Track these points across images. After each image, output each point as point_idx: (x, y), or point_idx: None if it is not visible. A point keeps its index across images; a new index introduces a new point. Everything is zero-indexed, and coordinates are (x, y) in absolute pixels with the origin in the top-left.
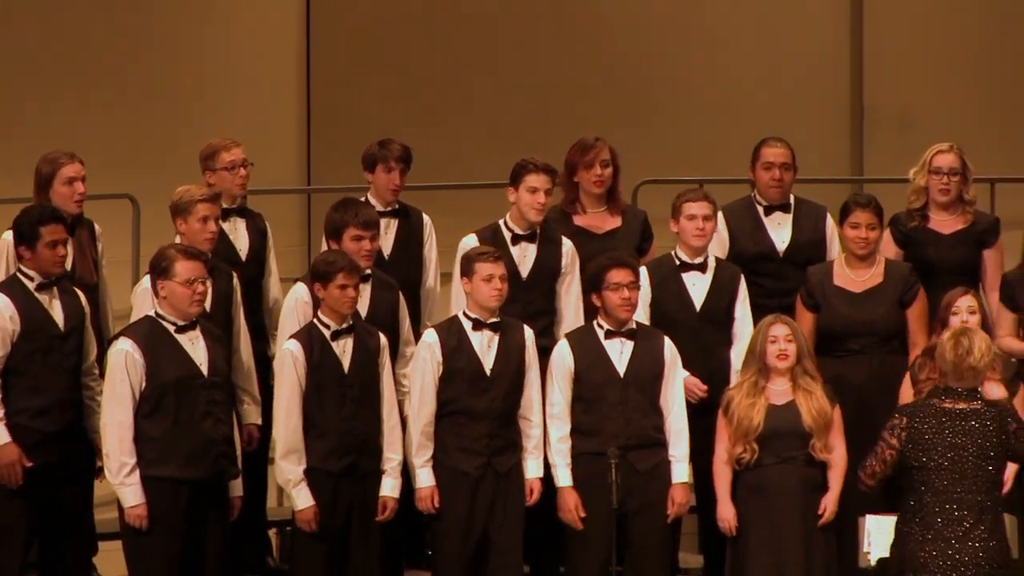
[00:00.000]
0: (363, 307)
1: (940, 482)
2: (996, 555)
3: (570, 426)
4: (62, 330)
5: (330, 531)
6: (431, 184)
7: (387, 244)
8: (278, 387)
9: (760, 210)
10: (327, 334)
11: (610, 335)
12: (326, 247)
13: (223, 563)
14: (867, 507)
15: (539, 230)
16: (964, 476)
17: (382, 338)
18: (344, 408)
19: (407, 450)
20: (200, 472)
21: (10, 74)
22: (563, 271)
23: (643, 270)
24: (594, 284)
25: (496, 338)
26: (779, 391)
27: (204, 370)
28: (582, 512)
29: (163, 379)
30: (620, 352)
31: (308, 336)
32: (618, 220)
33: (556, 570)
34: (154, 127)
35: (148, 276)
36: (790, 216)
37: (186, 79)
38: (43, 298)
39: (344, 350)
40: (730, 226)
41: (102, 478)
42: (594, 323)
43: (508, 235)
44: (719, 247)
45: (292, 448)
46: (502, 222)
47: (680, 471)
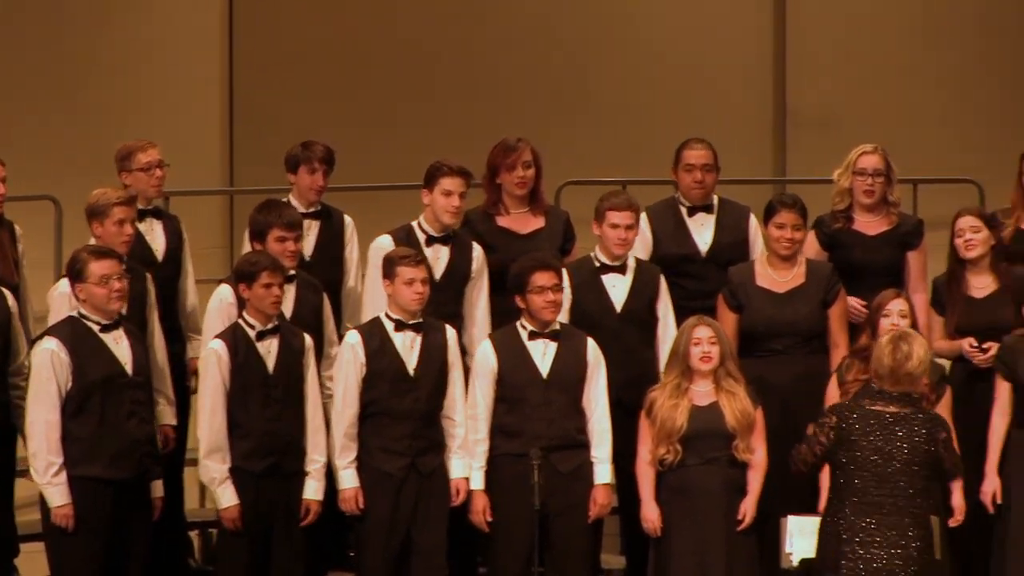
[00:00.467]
0: (287, 308)
1: (864, 484)
2: (915, 560)
3: (489, 428)
4: None
5: (253, 531)
6: (353, 185)
7: (309, 245)
8: (202, 387)
9: (683, 211)
10: (252, 334)
11: (533, 336)
12: (249, 249)
13: (148, 563)
14: (789, 508)
15: (453, 233)
16: (888, 479)
17: (307, 339)
18: (268, 409)
19: (331, 451)
20: (125, 472)
21: None
22: (472, 276)
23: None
24: (518, 286)
25: (419, 339)
26: (702, 392)
27: (128, 369)
28: (489, 515)
29: (89, 378)
30: (543, 353)
31: (233, 336)
32: (541, 221)
33: (476, 571)
34: (77, 129)
35: (65, 280)
36: (713, 217)
37: (109, 80)
38: None
39: (269, 351)
40: (653, 228)
41: (29, 478)
42: (517, 324)
43: (422, 237)
44: (642, 248)
45: (216, 447)
46: (416, 223)
47: (602, 472)
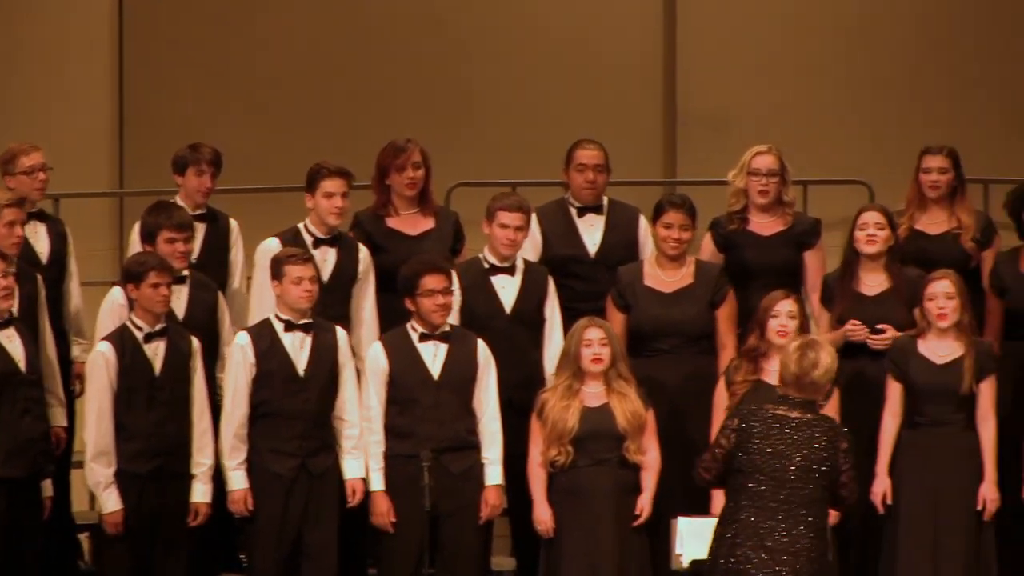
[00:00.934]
0: (180, 309)
1: (760, 487)
2: (809, 564)
3: (383, 428)
4: None
5: (136, 534)
6: (242, 187)
7: (195, 248)
8: (89, 389)
9: (573, 212)
10: (139, 336)
11: (424, 338)
12: (140, 250)
13: (41, 563)
14: (680, 509)
15: (339, 234)
16: (785, 484)
17: (195, 342)
18: (154, 411)
19: (220, 452)
20: (19, 470)
21: None
22: (359, 277)
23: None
24: (407, 289)
25: (308, 339)
26: (593, 393)
27: (22, 367)
28: (393, 516)
29: None
30: (434, 355)
31: (120, 338)
32: (431, 222)
33: (366, 572)
34: None
35: None
36: (603, 218)
37: None
38: None
39: (156, 353)
40: (543, 229)
41: None
42: (408, 326)
43: (309, 239)
44: (532, 249)
45: (102, 450)
46: (302, 226)
47: (493, 474)
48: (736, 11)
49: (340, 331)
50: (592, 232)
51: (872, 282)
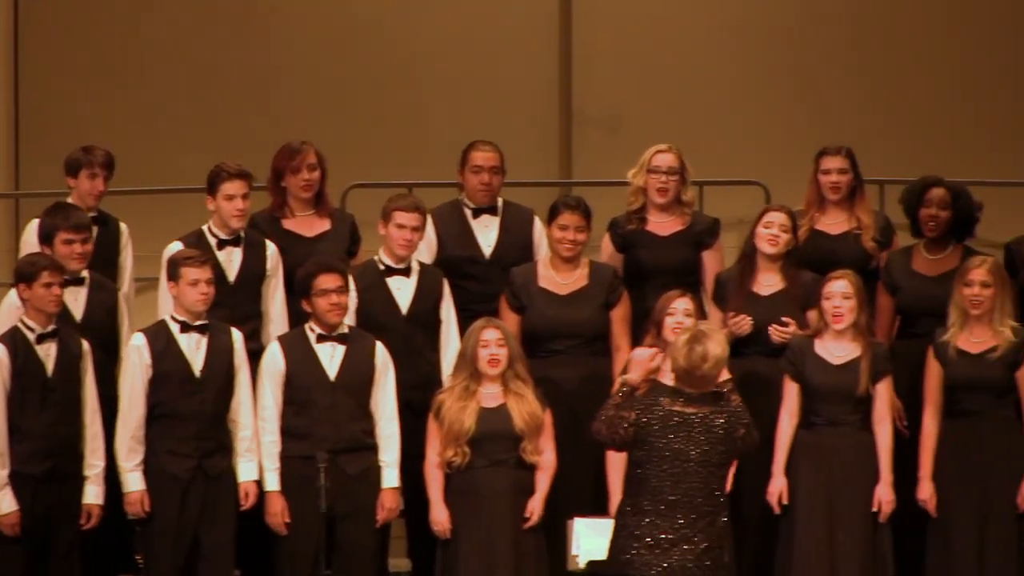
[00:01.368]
0: (78, 310)
1: (660, 483)
2: (707, 561)
3: (280, 429)
4: None
5: (31, 535)
6: (137, 188)
7: None
8: None
9: (468, 213)
10: (31, 337)
11: (321, 339)
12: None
13: None
14: (576, 509)
15: (243, 234)
16: (684, 479)
17: (85, 344)
18: (46, 412)
19: (117, 454)
20: None
21: None
22: (268, 274)
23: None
24: (303, 290)
25: (204, 340)
26: (490, 394)
27: None
28: (287, 517)
29: None
30: (331, 356)
31: (12, 339)
32: (327, 223)
33: (263, 573)
34: None
35: None
36: (497, 219)
37: None
38: None
39: (48, 354)
40: (438, 230)
41: None
42: (306, 327)
43: (213, 240)
44: (427, 251)
45: None
46: (206, 227)
47: (390, 476)
48: (631, 13)
49: (236, 332)
50: (487, 233)
51: (767, 282)
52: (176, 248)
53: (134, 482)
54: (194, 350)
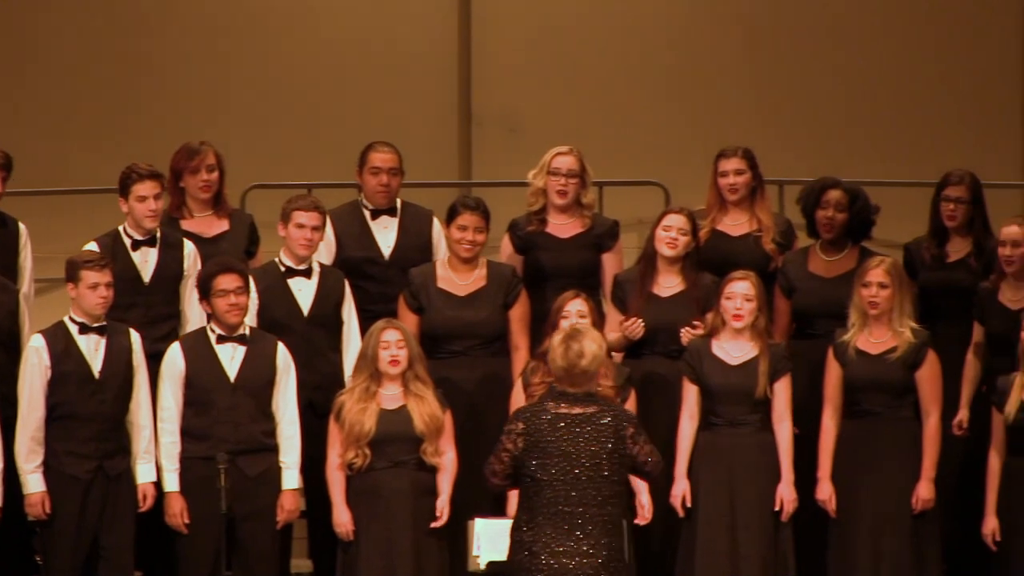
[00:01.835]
0: None
1: (552, 491)
2: (606, 566)
3: (180, 430)
4: None
5: None
6: (35, 189)
7: None
8: None
9: (367, 214)
10: None
11: (222, 340)
12: None
13: None
14: (477, 510)
15: (159, 234)
16: (576, 485)
17: None
18: None
19: (17, 455)
20: None
21: None
22: (186, 274)
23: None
24: (203, 291)
25: (103, 341)
26: (391, 396)
27: None
28: (187, 518)
29: None
30: (232, 357)
31: None
32: (225, 224)
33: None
34: None
35: None
36: (396, 220)
37: None
38: None
39: None
40: (337, 231)
41: None
42: (207, 327)
43: (128, 241)
44: (326, 252)
45: None
46: (121, 228)
47: (290, 478)
48: (530, 13)
49: (134, 334)
50: (386, 234)
51: (667, 284)
52: (92, 248)
53: (34, 483)
54: (93, 351)
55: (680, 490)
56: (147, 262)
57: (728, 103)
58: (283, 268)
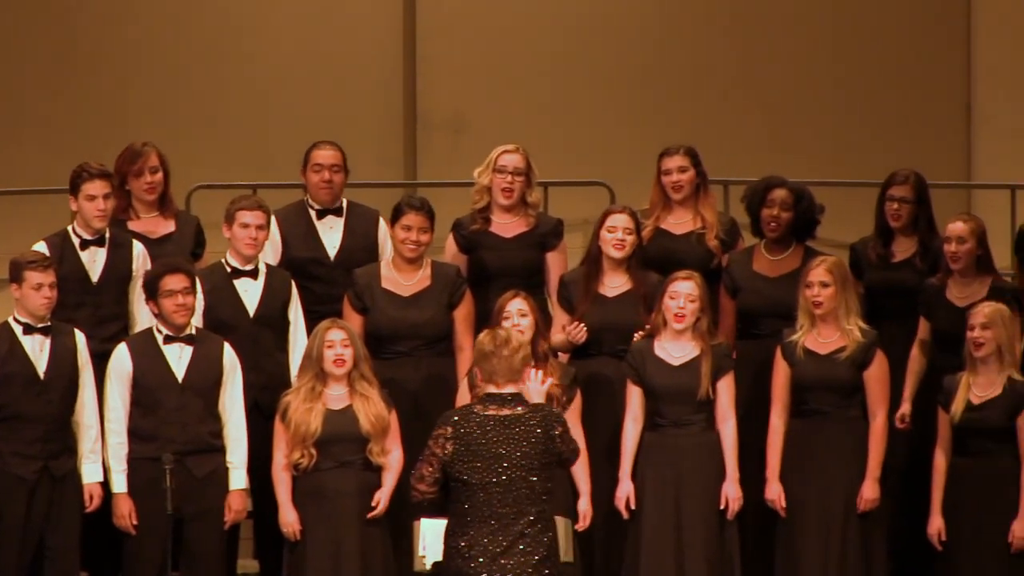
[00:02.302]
0: None
1: (485, 493)
2: (542, 566)
3: (127, 431)
4: None
5: None
6: None
7: None
8: None
9: (312, 214)
10: None
11: (169, 340)
12: None
13: None
14: (423, 510)
15: (108, 234)
16: (508, 486)
17: None
18: None
19: None
20: None
21: None
22: (135, 275)
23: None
24: (150, 292)
25: (47, 342)
26: (336, 396)
27: None
28: (135, 519)
29: None
30: (179, 357)
31: None
32: (172, 225)
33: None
34: None
35: None
36: (342, 220)
37: None
38: None
39: None
40: (283, 231)
41: None
42: (154, 328)
43: (77, 240)
44: (272, 252)
45: None
46: (71, 228)
47: (237, 478)
48: (476, 14)
49: (79, 334)
50: (331, 234)
51: (613, 283)
52: (41, 248)
53: None
54: (38, 352)
55: (625, 492)
56: (95, 262)
57: (674, 102)
58: (229, 269)
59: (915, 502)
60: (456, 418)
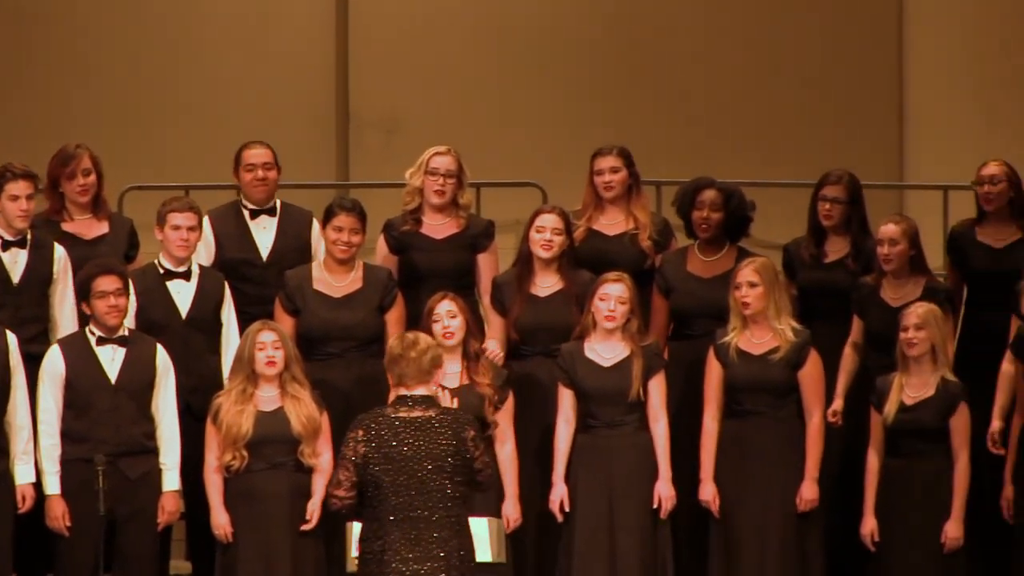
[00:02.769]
0: None
1: (397, 497)
2: (458, 569)
3: (60, 432)
4: None
5: None
6: None
7: None
8: None
9: (246, 214)
10: None
11: (102, 342)
12: None
13: None
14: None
15: (30, 236)
16: (421, 489)
17: None
18: None
19: None
20: None
21: None
22: (55, 278)
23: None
24: (82, 292)
25: None
26: (268, 397)
27: None
28: (68, 520)
29: None
30: (112, 359)
31: None
32: (106, 227)
33: None
34: None
35: None
36: (275, 220)
37: None
38: None
39: None
40: (216, 232)
41: None
42: (87, 329)
43: None
44: (205, 253)
45: None
46: None
47: (171, 479)
48: (408, 15)
49: (10, 335)
50: (264, 235)
51: (545, 283)
52: None
53: None
54: None
55: (558, 495)
56: (16, 263)
57: (605, 104)
58: (162, 270)
59: (848, 503)
60: (367, 421)
